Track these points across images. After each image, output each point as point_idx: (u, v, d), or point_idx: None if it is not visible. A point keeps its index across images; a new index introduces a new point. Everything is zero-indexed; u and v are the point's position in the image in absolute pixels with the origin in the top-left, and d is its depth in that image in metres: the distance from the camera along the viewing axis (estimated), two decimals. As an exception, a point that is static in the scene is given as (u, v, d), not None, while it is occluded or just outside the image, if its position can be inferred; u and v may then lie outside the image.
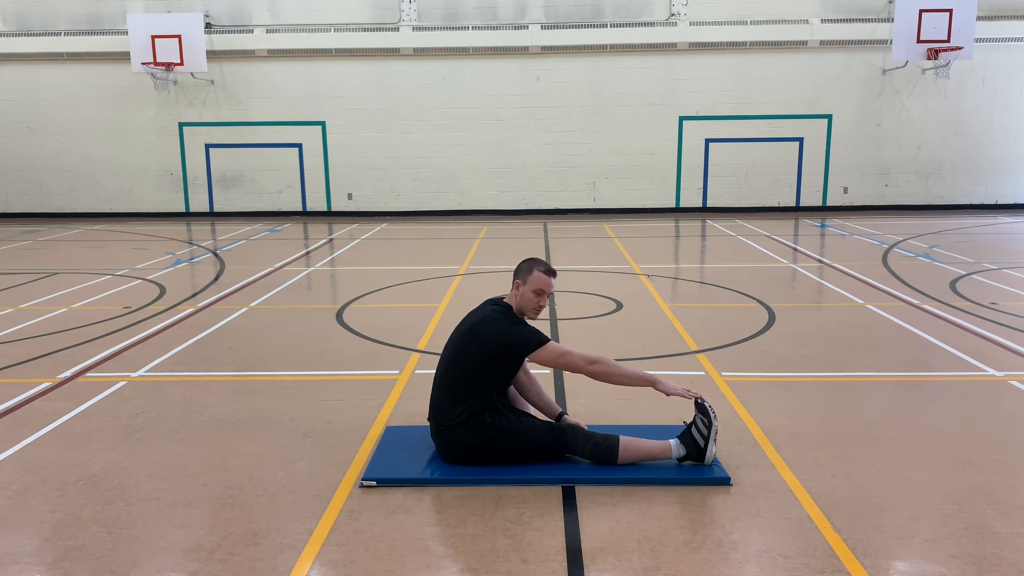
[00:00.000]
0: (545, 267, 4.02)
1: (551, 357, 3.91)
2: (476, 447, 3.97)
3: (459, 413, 3.96)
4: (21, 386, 5.55)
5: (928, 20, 16.17)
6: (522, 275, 4.02)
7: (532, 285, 3.98)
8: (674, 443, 3.99)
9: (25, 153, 17.98)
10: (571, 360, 3.91)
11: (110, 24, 17.32)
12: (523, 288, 3.99)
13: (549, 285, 3.99)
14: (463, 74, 17.49)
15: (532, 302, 4.00)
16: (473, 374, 3.94)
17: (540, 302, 4.00)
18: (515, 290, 4.04)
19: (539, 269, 3.99)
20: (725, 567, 3.14)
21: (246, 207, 18.18)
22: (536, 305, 4.01)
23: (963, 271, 9.84)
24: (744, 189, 17.95)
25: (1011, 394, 5.24)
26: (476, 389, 3.95)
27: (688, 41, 17.14)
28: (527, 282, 3.99)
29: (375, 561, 3.20)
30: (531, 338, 3.91)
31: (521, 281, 4.01)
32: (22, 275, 10.37)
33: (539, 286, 3.97)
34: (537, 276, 3.97)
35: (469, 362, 3.95)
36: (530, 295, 3.99)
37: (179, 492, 3.85)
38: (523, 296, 4.00)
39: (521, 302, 4.02)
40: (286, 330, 7.31)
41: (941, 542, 3.32)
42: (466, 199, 18.03)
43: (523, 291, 3.99)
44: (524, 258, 4.17)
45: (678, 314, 7.71)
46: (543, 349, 3.89)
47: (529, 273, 3.99)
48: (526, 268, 4.03)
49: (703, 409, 3.94)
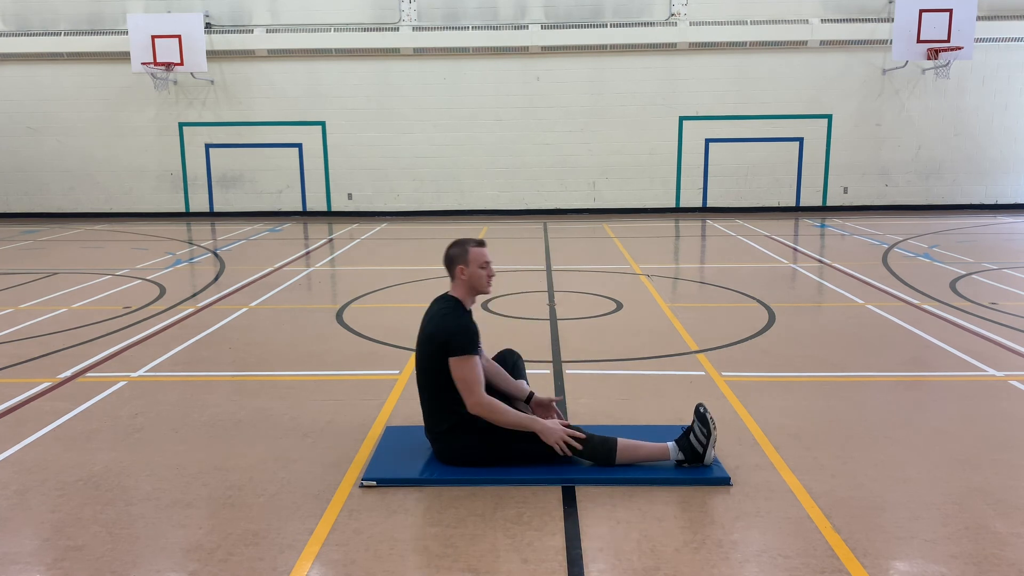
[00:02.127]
0: (474, 242, 4.08)
1: (455, 374, 3.90)
2: (468, 453, 3.97)
3: (445, 419, 3.99)
4: (21, 386, 5.55)
5: (928, 20, 16.17)
6: (460, 259, 4.04)
7: (475, 262, 4.01)
8: (672, 446, 3.97)
9: (25, 153, 17.98)
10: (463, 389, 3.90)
11: (110, 24, 17.32)
12: (468, 270, 4.02)
13: (487, 255, 4.06)
14: (463, 74, 17.49)
15: (483, 276, 4.03)
16: (448, 380, 3.95)
17: (489, 272, 4.06)
18: (460, 276, 4.05)
19: (471, 246, 4.05)
20: (725, 567, 3.14)
21: (246, 207, 18.18)
22: (487, 277, 4.05)
23: (963, 271, 9.84)
24: (744, 189, 17.95)
25: (1011, 394, 5.24)
26: (457, 395, 3.96)
27: (688, 41, 17.14)
28: (469, 262, 4.02)
29: (375, 561, 3.20)
30: (463, 343, 3.90)
31: (463, 265, 4.03)
32: (22, 275, 10.37)
33: (481, 259, 4.02)
34: (475, 252, 4.02)
35: (438, 367, 3.97)
36: (477, 271, 4.02)
37: (179, 492, 3.85)
38: (472, 275, 4.02)
39: (473, 282, 4.04)
40: (286, 330, 7.31)
41: (941, 542, 3.32)
42: (466, 199, 18.03)
43: (470, 272, 4.02)
44: (449, 246, 4.13)
45: (678, 314, 7.71)
46: (458, 360, 3.88)
47: (466, 254, 4.03)
48: (460, 252, 4.04)
49: (703, 419, 3.90)
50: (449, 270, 4.10)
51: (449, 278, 4.12)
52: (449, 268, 4.10)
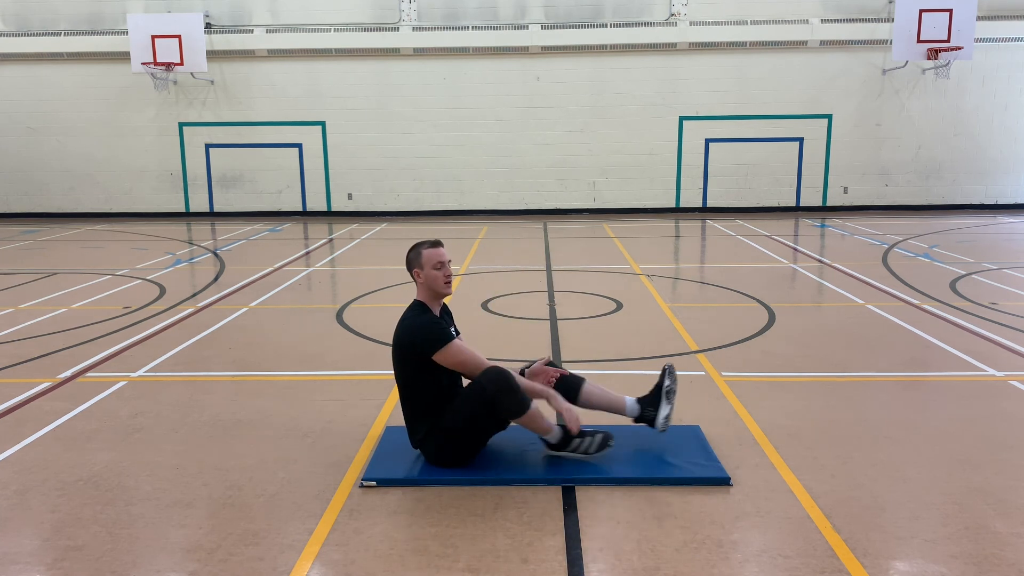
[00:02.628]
0: (428, 243, 4.09)
1: (450, 365, 3.92)
2: (444, 456, 3.97)
3: (421, 426, 4.01)
4: (21, 386, 5.55)
5: (928, 20, 16.17)
6: (415, 262, 4.06)
7: (428, 264, 4.02)
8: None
9: (25, 153, 17.98)
10: (469, 370, 3.92)
11: (110, 24, 17.32)
12: (423, 272, 4.04)
13: (442, 255, 4.05)
14: (463, 74, 17.49)
15: (438, 277, 4.03)
16: (418, 385, 3.97)
17: (445, 272, 4.05)
18: (418, 279, 4.07)
19: (425, 248, 4.06)
20: (725, 567, 3.14)
21: (246, 207, 18.18)
22: (444, 277, 4.04)
23: (963, 271, 9.84)
24: (744, 189, 17.95)
25: (1011, 394, 5.24)
26: (429, 399, 3.97)
27: (688, 41, 17.14)
28: (423, 264, 4.04)
29: (375, 561, 3.20)
30: (433, 336, 3.91)
31: (418, 268, 4.05)
32: (22, 275, 10.37)
33: (435, 260, 4.02)
34: (427, 253, 4.04)
35: (411, 372, 3.99)
36: (432, 272, 4.02)
37: (179, 492, 3.85)
38: (427, 277, 4.03)
39: (429, 283, 4.04)
40: (286, 330, 7.31)
41: (941, 542, 3.32)
42: (466, 199, 18.03)
43: (425, 273, 4.03)
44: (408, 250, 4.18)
45: (678, 314, 7.70)
46: (441, 353, 3.89)
47: (419, 256, 4.05)
48: (414, 255, 4.07)
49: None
50: (410, 274, 4.13)
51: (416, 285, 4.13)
52: (409, 272, 4.13)
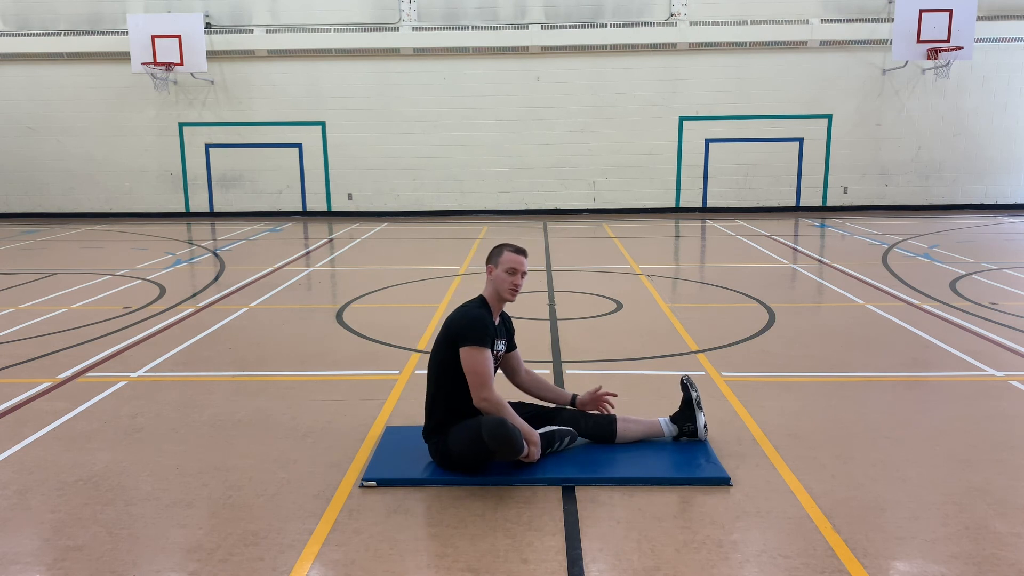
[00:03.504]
0: (514, 247, 4.11)
1: (466, 366, 3.90)
2: (447, 453, 3.95)
3: (434, 415, 4.01)
4: (21, 386, 5.55)
5: (928, 20, 16.16)
6: (493, 259, 4.09)
7: (503, 265, 4.03)
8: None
9: (25, 153, 17.98)
10: (472, 382, 3.89)
11: (110, 24, 17.32)
12: (496, 271, 4.05)
13: (520, 263, 4.05)
14: (463, 74, 17.49)
15: (507, 281, 4.03)
16: (447, 373, 3.96)
17: (514, 281, 4.04)
18: (489, 275, 4.09)
19: (508, 250, 4.08)
20: (725, 567, 3.14)
21: (246, 207, 18.18)
22: (511, 284, 4.04)
23: (963, 271, 9.84)
24: (744, 189, 17.95)
25: (1011, 394, 5.24)
26: (451, 392, 3.97)
27: (688, 41, 17.14)
28: (499, 264, 4.05)
29: (375, 561, 3.20)
30: (474, 332, 3.90)
31: (493, 265, 4.07)
32: (22, 275, 10.37)
33: (510, 265, 4.03)
34: (507, 256, 4.04)
35: (443, 357, 3.98)
36: (503, 275, 4.03)
37: (179, 492, 3.85)
38: (497, 278, 4.04)
39: (496, 284, 4.05)
40: (286, 330, 7.31)
41: (941, 542, 3.32)
42: (466, 199, 18.03)
43: (496, 273, 4.05)
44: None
45: (678, 314, 7.71)
46: (469, 350, 3.88)
47: (499, 255, 4.07)
48: (496, 252, 4.10)
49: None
50: (485, 267, 4.16)
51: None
52: (486, 264, 4.16)
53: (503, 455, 3.83)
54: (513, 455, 3.85)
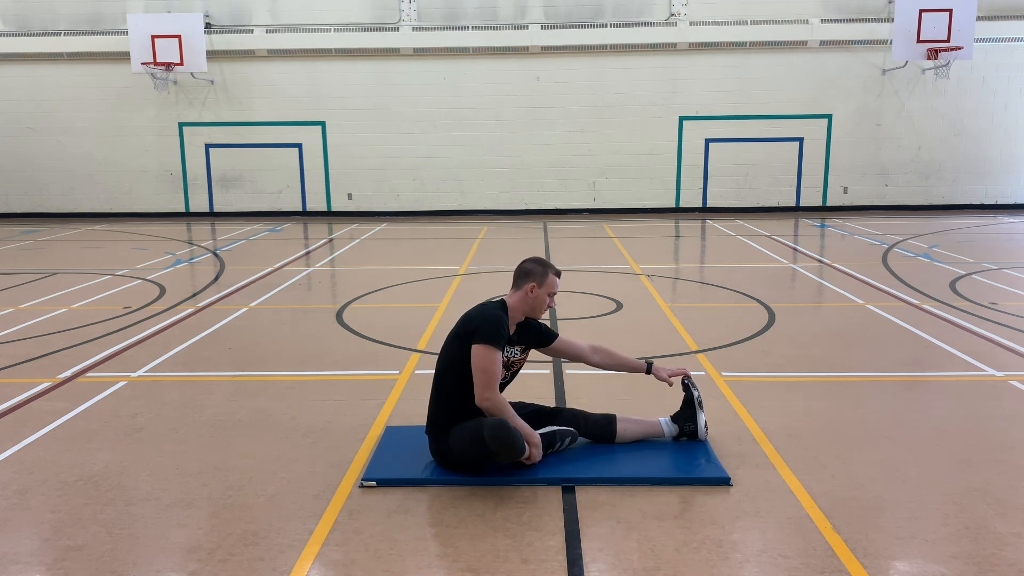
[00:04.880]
0: (555, 270, 4.18)
1: (475, 362, 3.87)
2: (448, 452, 3.95)
3: (438, 411, 4.01)
4: (21, 386, 5.55)
5: (928, 20, 16.16)
6: (536, 278, 4.08)
7: (548, 288, 4.10)
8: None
9: (25, 153, 17.98)
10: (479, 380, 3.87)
11: (110, 24, 17.32)
12: (538, 291, 4.07)
13: (558, 285, 4.20)
14: (463, 74, 17.49)
15: (545, 302, 4.13)
16: (455, 370, 3.95)
17: (551, 303, 4.17)
18: (528, 292, 4.07)
19: (552, 272, 4.14)
20: (725, 567, 3.14)
21: (246, 207, 18.18)
22: (548, 305, 4.16)
23: (963, 271, 9.84)
24: (744, 189, 17.95)
25: (1011, 394, 5.24)
26: (455, 389, 3.96)
27: (688, 41, 17.14)
28: (543, 285, 4.08)
29: (375, 561, 3.21)
30: (490, 332, 3.88)
31: (536, 284, 4.07)
32: (22, 275, 10.37)
33: (553, 288, 4.14)
34: (552, 280, 4.13)
35: (454, 354, 3.96)
36: (545, 296, 4.10)
37: (179, 492, 3.85)
38: (538, 297, 4.08)
39: (535, 303, 4.09)
40: (286, 330, 7.31)
41: (941, 542, 3.32)
42: (466, 199, 18.03)
43: (538, 292, 4.07)
44: (529, 259, 4.19)
45: (678, 314, 7.71)
46: (482, 348, 3.86)
47: (545, 277, 4.10)
48: (540, 272, 4.09)
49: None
50: (517, 281, 4.12)
51: (512, 287, 4.13)
52: (519, 279, 4.12)
53: (504, 457, 3.83)
54: (514, 457, 3.85)
